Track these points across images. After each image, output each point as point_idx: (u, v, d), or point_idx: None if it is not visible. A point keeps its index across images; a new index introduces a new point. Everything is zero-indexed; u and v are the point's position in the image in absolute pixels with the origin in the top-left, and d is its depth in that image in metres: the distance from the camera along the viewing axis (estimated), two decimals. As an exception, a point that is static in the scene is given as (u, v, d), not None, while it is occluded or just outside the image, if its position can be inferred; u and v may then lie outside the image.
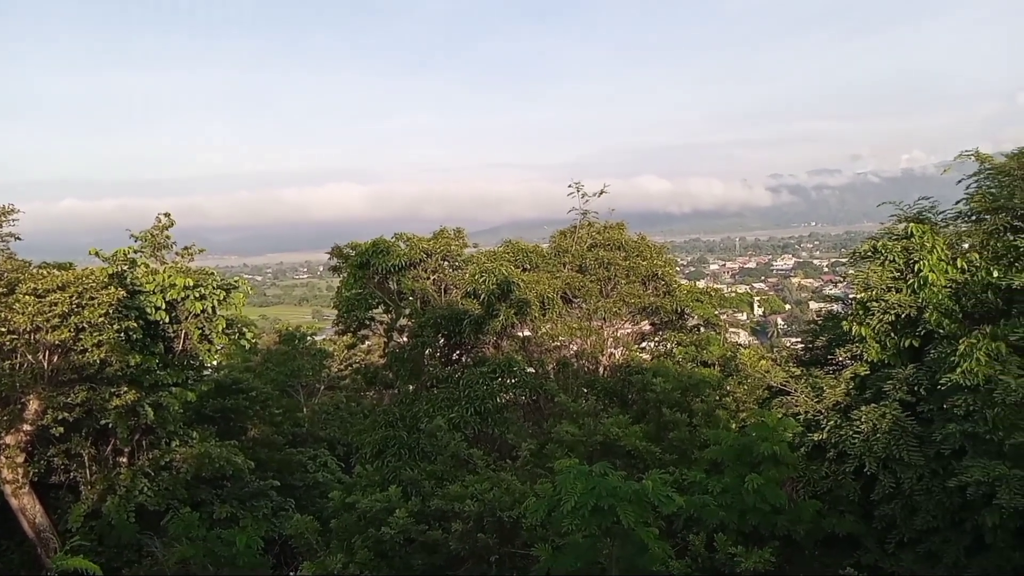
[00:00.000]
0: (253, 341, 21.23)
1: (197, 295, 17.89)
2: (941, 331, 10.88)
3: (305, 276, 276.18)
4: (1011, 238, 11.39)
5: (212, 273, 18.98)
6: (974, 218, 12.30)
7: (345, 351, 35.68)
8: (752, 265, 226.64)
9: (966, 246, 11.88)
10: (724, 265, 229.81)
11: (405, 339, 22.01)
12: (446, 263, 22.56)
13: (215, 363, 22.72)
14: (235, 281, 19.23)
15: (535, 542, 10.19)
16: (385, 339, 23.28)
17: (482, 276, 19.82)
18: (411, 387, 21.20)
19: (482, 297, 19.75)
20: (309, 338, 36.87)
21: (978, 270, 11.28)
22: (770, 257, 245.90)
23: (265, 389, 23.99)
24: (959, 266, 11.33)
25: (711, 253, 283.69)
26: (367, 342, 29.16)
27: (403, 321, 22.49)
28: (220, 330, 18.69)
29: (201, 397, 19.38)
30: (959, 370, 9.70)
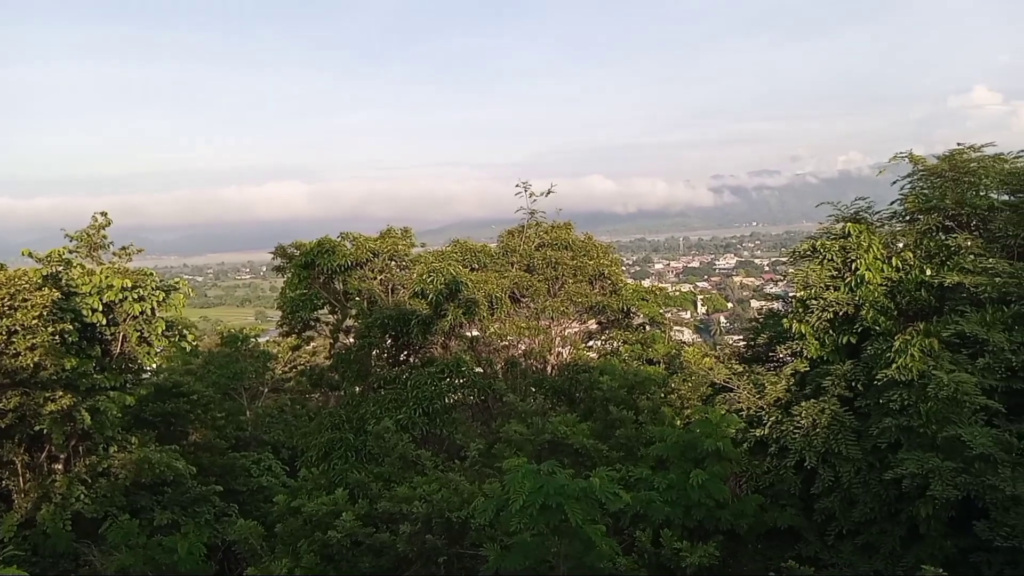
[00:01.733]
0: (194, 343, 20.71)
1: (135, 296, 17.39)
2: (877, 328, 11.22)
3: (248, 276, 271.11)
4: (943, 237, 11.81)
5: (151, 274, 18.47)
6: (908, 218, 12.71)
7: (290, 353, 35.10)
8: (696, 264, 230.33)
9: (901, 245, 12.24)
10: (669, 264, 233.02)
11: (351, 340, 21.80)
12: (393, 263, 22.42)
13: (155, 366, 22.13)
14: (175, 282, 18.77)
15: (484, 542, 10.20)
16: (331, 340, 23.02)
17: (430, 276, 19.74)
18: (358, 389, 20.98)
19: (430, 297, 19.66)
20: (252, 340, 36.15)
21: (912, 269, 11.65)
22: (713, 256, 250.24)
23: (207, 392, 23.50)
24: (894, 265, 11.69)
25: (656, 252, 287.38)
26: (312, 344, 28.78)
27: (349, 322, 22.27)
28: (159, 332, 18.20)
29: (140, 401, 18.88)
30: (894, 366, 10.01)
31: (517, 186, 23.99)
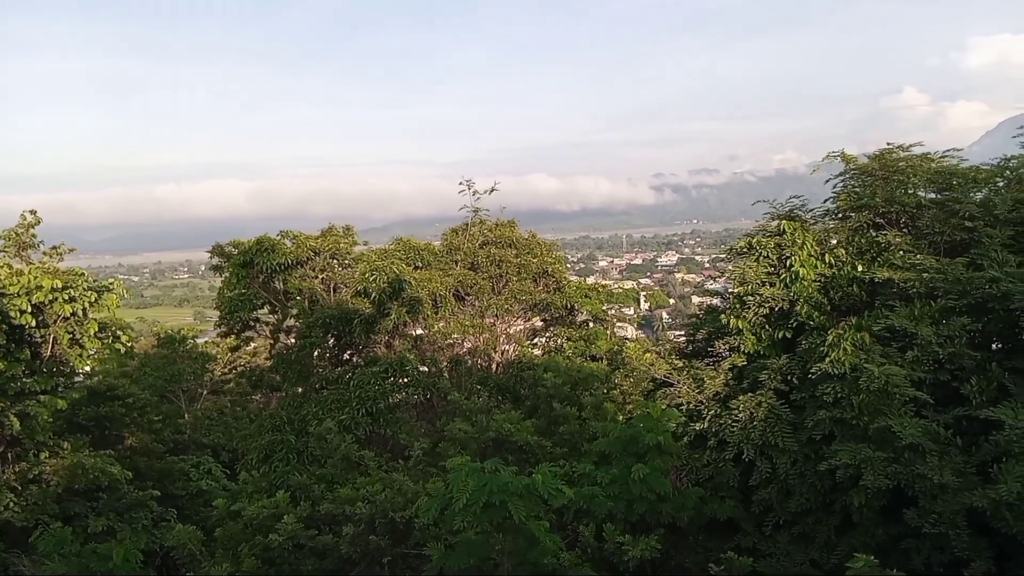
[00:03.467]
0: (129, 345, 20.14)
1: (66, 297, 16.81)
2: (811, 323, 11.50)
3: (186, 276, 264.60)
4: (874, 234, 12.14)
5: (83, 274, 17.89)
6: (840, 215, 13.03)
7: (229, 354, 34.41)
8: (638, 262, 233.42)
9: (834, 242, 12.53)
10: (612, 262, 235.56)
11: (292, 340, 21.48)
12: (335, 261, 22.16)
13: (88, 369, 21.53)
14: (108, 282, 18.21)
15: (428, 541, 10.15)
16: (271, 340, 22.65)
17: (373, 274, 19.56)
18: (299, 389, 20.69)
19: (373, 296, 19.49)
20: (190, 341, 35.32)
21: (844, 265, 11.96)
22: (655, 254, 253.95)
23: (143, 395, 22.95)
24: (827, 261, 11.98)
25: (600, 250, 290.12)
26: (252, 344, 28.27)
27: (290, 321, 21.94)
28: (92, 334, 17.64)
29: (73, 405, 18.33)
30: (828, 359, 10.25)
31: (461, 184, 23.98)
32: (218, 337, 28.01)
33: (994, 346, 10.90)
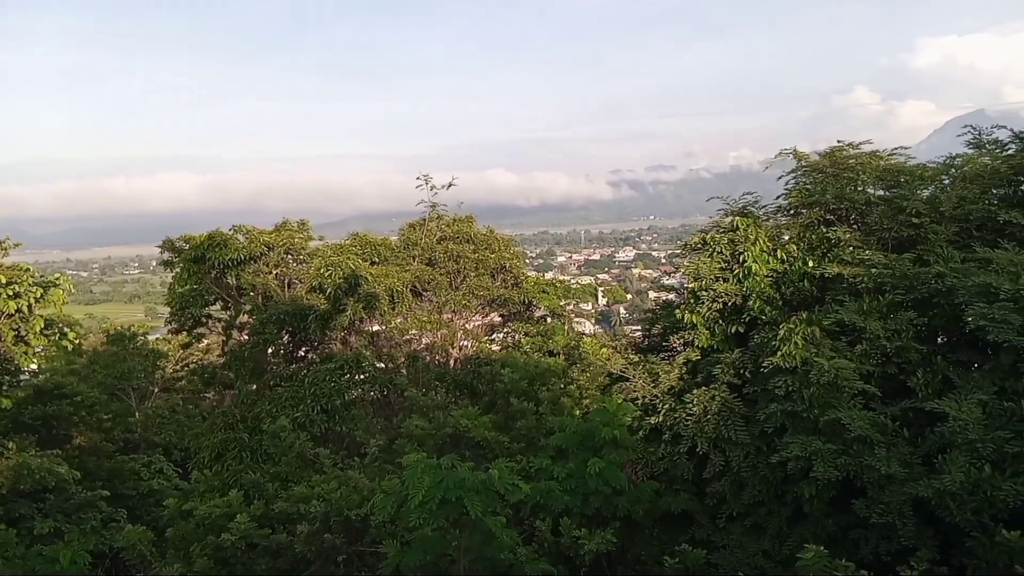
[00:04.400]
0: (77, 342, 19.68)
1: (10, 293, 16.35)
2: (764, 317, 11.67)
3: (137, 271, 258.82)
4: (824, 230, 12.36)
5: (28, 269, 17.42)
6: (792, 212, 13.24)
7: (180, 351, 33.76)
8: (596, 257, 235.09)
9: (786, 238, 12.73)
10: (571, 257, 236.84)
11: (246, 337, 21.12)
12: (289, 257, 21.85)
13: (34, 367, 21.02)
14: (55, 278, 17.77)
15: (383, 539, 10.09)
16: (224, 337, 22.25)
17: (328, 270, 19.34)
18: (253, 387, 20.38)
19: (328, 291, 19.27)
20: (141, 338, 34.58)
21: (796, 260, 12.16)
22: (613, 249, 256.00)
23: (92, 393, 22.51)
24: (779, 257, 12.17)
25: (558, 245, 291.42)
26: (205, 341, 27.76)
27: (243, 318, 21.58)
28: (37, 331, 17.20)
29: (18, 404, 17.92)
30: (779, 353, 10.38)
31: (418, 179, 23.84)
32: (169, 334, 27.43)
33: (939, 340, 11.18)
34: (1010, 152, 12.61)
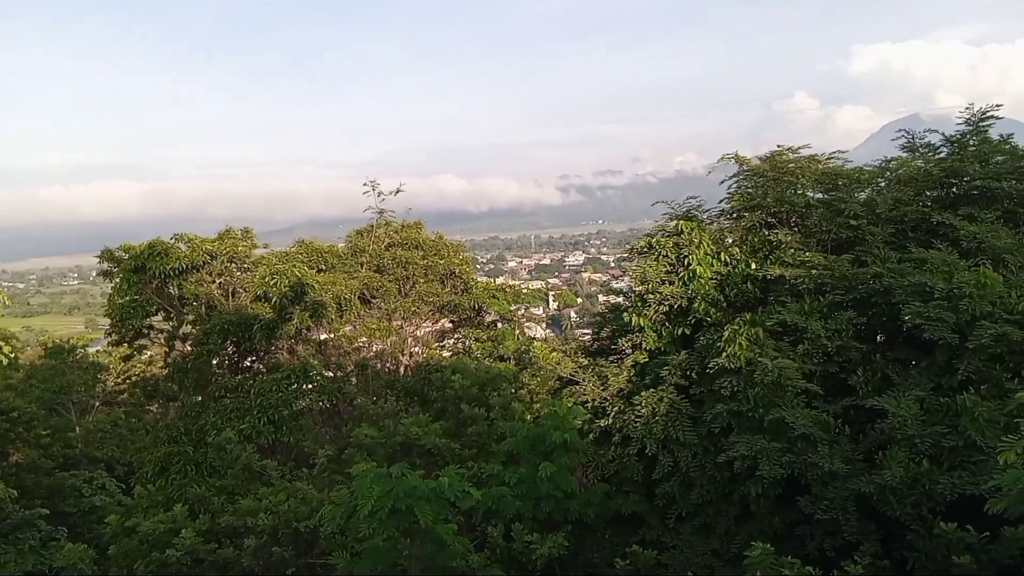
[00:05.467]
0: (13, 356, 19.02)
1: (-63, 307, 15.72)
2: (709, 319, 11.85)
3: (76, 282, 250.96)
4: (766, 233, 12.60)
5: (-44, 282, 16.78)
6: (735, 215, 13.47)
7: (122, 363, 32.82)
8: (547, 262, 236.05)
9: (729, 241, 12.95)
10: (521, 262, 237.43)
11: (189, 348, 20.64)
12: (233, 265, 21.43)
13: (-34, 383, 20.24)
14: (-12, 290, 17.12)
15: (333, 550, 9.94)
16: (166, 348, 21.71)
17: (273, 278, 19.01)
18: (198, 399, 19.91)
19: (274, 300, 18.95)
20: (80, 350, 33.51)
21: (739, 263, 12.38)
22: (563, 254, 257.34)
23: (29, 408, 21.72)
24: (723, 259, 12.38)
25: (509, 251, 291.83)
26: (147, 353, 27.05)
27: (186, 328, 21.09)
28: (-31, 346, 16.56)
29: (-51, 422, 17.17)
30: (724, 354, 10.54)
31: (365, 185, 23.63)
32: (110, 346, 26.66)
33: (878, 338, 11.50)
34: (942, 155, 13.05)
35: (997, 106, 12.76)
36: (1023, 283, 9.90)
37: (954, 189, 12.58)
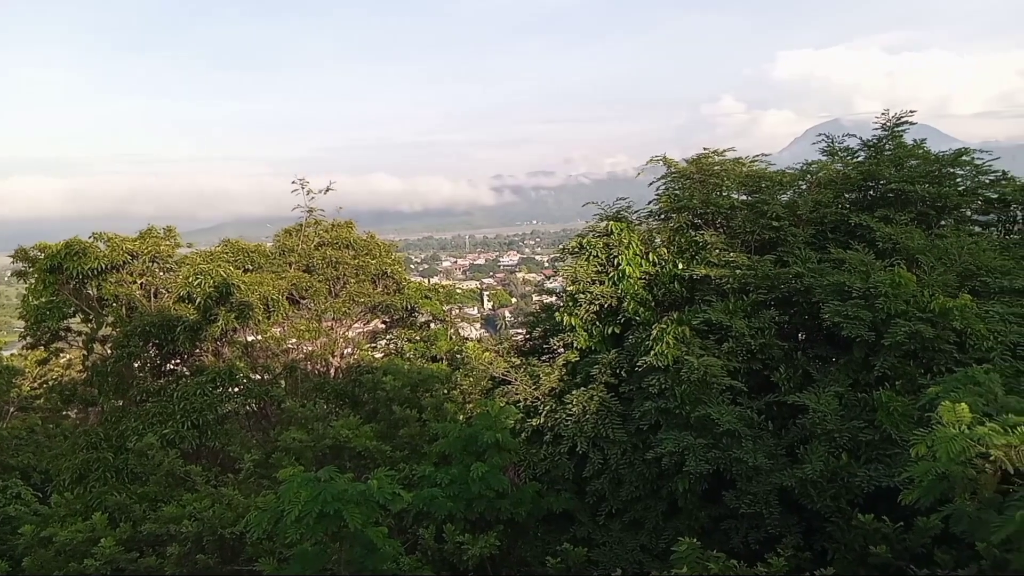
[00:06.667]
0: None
1: None
2: (638, 318, 12.03)
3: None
4: (692, 234, 12.86)
5: None
6: (663, 216, 13.71)
7: (38, 367, 31.46)
8: (481, 262, 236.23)
9: (657, 241, 13.14)
10: (456, 262, 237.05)
11: (109, 350, 19.90)
12: (156, 265, 20.75)
13: None
14: None
15: (260, 556, 9.73)
16: (85, 352, 20.89)
17: (197, 278, 18.48)
18: (119, 403, 19.21)
19: (198, 301, 18.42)
20: (-9, 354, 32.04)
21: (667, 263, 12.60)
22: (497, 254, 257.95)
23: (-66, 417, 20.68)
24: (651, 260, 12.58)
25: (443, 250, 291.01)
26: (65, 356, 25.99)
27: (106, 330, 20.32)
28: None
29: None
30: (653, 353, 10.72)
31: (294, 183, 23.21)
32: (25, 349, 25.54)
33: (800, 336, 11.86)
34: (860, 159, 13.55)
35: (911, 112, 13.31)
36: (935, 282, 10.32)
37: (871, 192, 13.07)
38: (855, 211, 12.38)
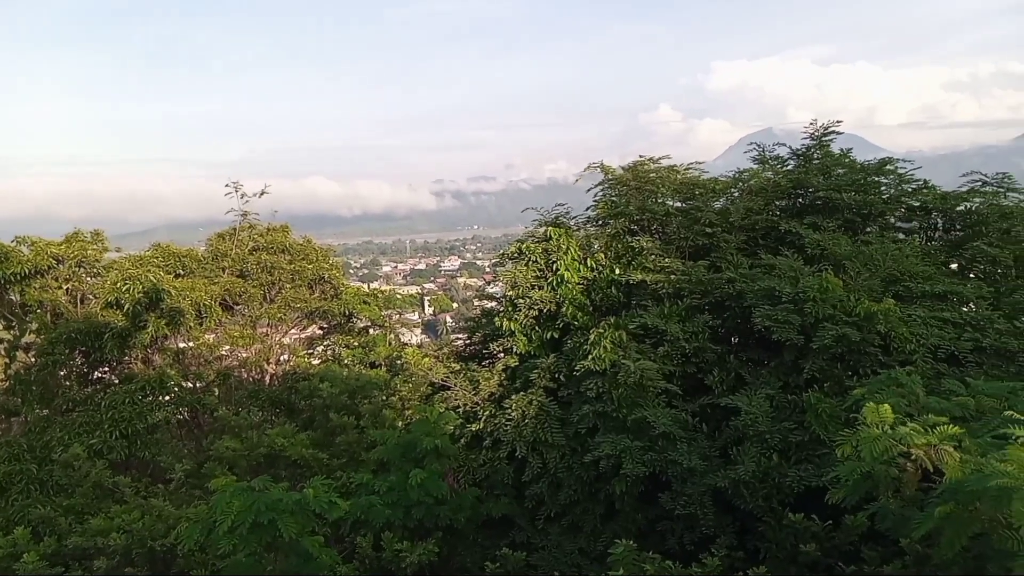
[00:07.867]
0: None
1: None
2: (576, 323, 12.17)
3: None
4: (629, 240, 13.07)
5: None
6: (600, 222, 13.91)
7: (-45, 377, 30.04)
8: (422, 267, 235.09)
9: (595, 247, 13.33)
10: (396, 267, 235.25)
11: (33, 358, 19.12)
12: (82, 270, 20.01)
13: None
14: None
15: (192, 568, 9.50)
16: (6, 360, 20.02)
17: (126, 284, 17.89)
18: (44, 412, 18.48)
19: (127, 307, 17.84)
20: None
21: (604, 268, 12.80)
22: (439, 258, 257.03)
23: None
24: (589, 265, 12.76)
25: (384, 255, 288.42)
26: (-16, 365, 24.86)
27: (29, 338, 19.53)
28: None
29: None
30: (590, 357, 10.85)
31: (228, 186, 22.71)
32: (-60, 358, 24.35)
33: (732, 340, 12.15)
34: (789, 168, 13.97)
35: (838, 122, 13.81)
36: (861, 287, 10.69)
37: (800, 199, 13.48)
38: (785, 218, 12.76)
